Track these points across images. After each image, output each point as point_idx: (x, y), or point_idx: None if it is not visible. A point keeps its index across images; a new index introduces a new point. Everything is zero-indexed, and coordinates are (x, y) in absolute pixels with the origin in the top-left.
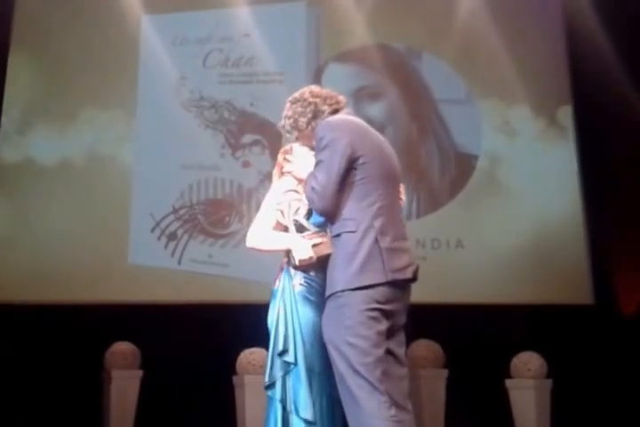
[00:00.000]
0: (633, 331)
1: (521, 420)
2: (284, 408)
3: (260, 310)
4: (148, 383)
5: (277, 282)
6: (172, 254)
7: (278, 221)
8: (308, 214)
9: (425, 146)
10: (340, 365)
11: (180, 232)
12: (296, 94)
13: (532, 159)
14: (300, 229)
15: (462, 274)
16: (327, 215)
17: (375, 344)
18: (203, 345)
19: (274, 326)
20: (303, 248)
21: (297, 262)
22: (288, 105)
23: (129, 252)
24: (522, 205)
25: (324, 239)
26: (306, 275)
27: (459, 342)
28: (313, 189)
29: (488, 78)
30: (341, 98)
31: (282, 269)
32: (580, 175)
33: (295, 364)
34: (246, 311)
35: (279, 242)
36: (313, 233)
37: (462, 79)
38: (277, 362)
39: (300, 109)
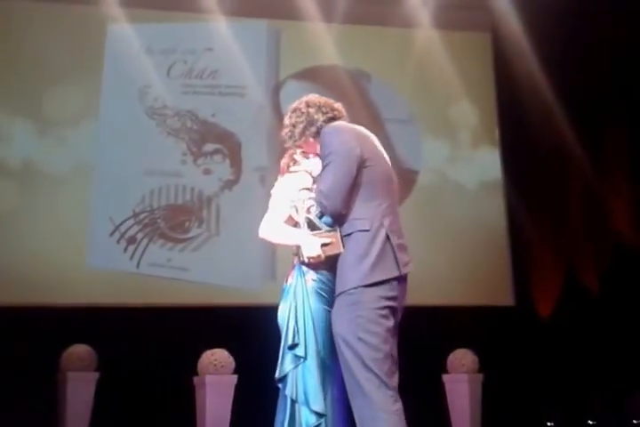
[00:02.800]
0: (548, 331)
1: (455, 410)
2: (292, 401)
3: (219, 312)
4: (107, 386)
5: (290, 279)
6: (131, 258)
7: (291, 216)
8: (321, 214)
9: None
10: (350, 359)
11: (139, 236)
12: (294, 104)
13: (465, 175)
14: (312, 227)
15: None
16: (336, 216)
17: (384, 340)
18: (161, 348)
19: (285, 320)
20: (312, 246)
21: (305, 259)
22: (287, 115)
23: (87, 255)
24: (454, 216)
25: (334, 239)
26: (318, 272)
27: (400, 341)
28: (320, 191)
29: (428, 103)
30: (337, 106)
31: (293, 267)
32: (505, 191)
33: (305, 358)
34: (204, 314)
35: (290, 237)
36: (324, 232)
37: (406, 102)
38: (288, 356)
39: (295, 119)
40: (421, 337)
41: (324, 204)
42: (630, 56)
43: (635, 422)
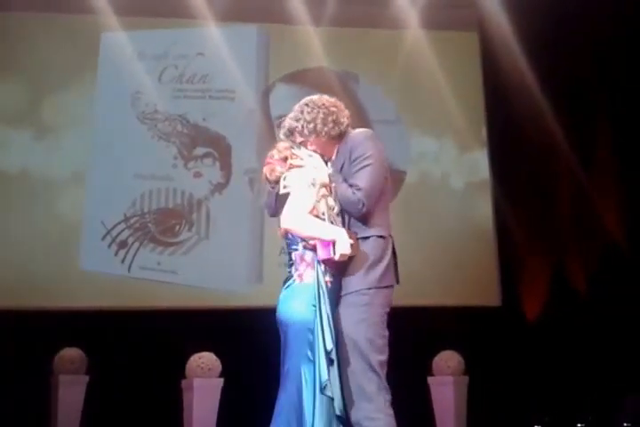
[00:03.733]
0: (535, 332)
1: (441, 413)
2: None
3: (207, 315)
4: (97, 388)
5: (308, 277)
6: (122, 261)
7: (314, 209)
8: (337, 214)
9: None
10: (353, 359)
11: (130, 240)
12: (314, 99)
13: (452, 175)
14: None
15: None
16: (364, 216)
17: (386, 344)
18: (150, 351)
19: (318, 324)
20: (347, 243)
21: (337, 257)
22: (306, 109)
23: (79, 259)
24: (441, 217)
25: (355, 241)
26: (331, 273)
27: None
28: (361, 189)
29: (415, 103)
30: (348, 112)
31: (308, 265)
32: (492, 191)
33: (334, 362)
34: (193, 317)
35: (326, 231)
36: (348, 232)
37: (393, 102)
38: (327, 360)
39: (322, 116)
40: (407, 338)
41: (364, 201)
42: (620, 55)
43: (625, 424)
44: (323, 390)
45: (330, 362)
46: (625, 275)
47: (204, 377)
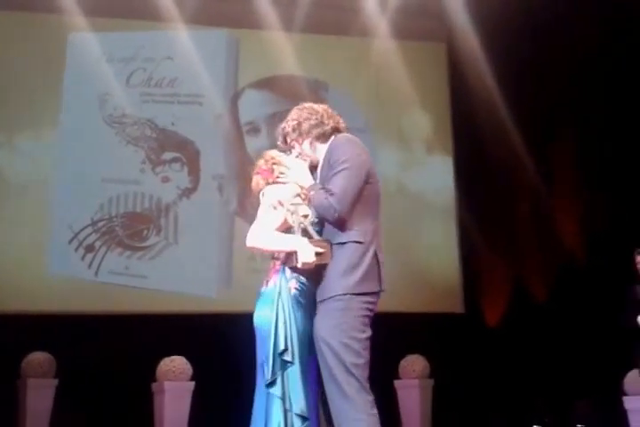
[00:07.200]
0: (496, 337)
1: (407, 415)
2: (284, 404)
3: (176, 319)
4: (66, 392)
5: (271, 283)
6: (90, 266)
7: (284, 222)
8: (316, 221)
9: None
10: (332, 363)
11: (97, 244)
12: (304, 103)
13: (418, 185)
14: (305, 234)
15: None
16: (338, 221)
17: (365, 347)
18: (120, 355)
19: (273, 326)
20: (309, 252)
21: (299, 265)
22: (294, 110)
23: (45, 263)
24: (407, 225)
25: (326, 250)
26: (300, 279)
27: None
28: (333, 194)
29: (384, 112)
30: (342, 120)
31: (276, 272)
32: (456, 201)
33: (292, 363)
34: (162, 321)
35: (286, 243)
36: (318, 241)
37: (362, 111)
38: (277, 361)
39: (306, 115)
40: (374, 343)
41: (335, 207)
42: (587, 69)
43: (578, 426)
44: (268, 386)
45: (284, 363)
46: (580, 285)
47: (175, 381)
